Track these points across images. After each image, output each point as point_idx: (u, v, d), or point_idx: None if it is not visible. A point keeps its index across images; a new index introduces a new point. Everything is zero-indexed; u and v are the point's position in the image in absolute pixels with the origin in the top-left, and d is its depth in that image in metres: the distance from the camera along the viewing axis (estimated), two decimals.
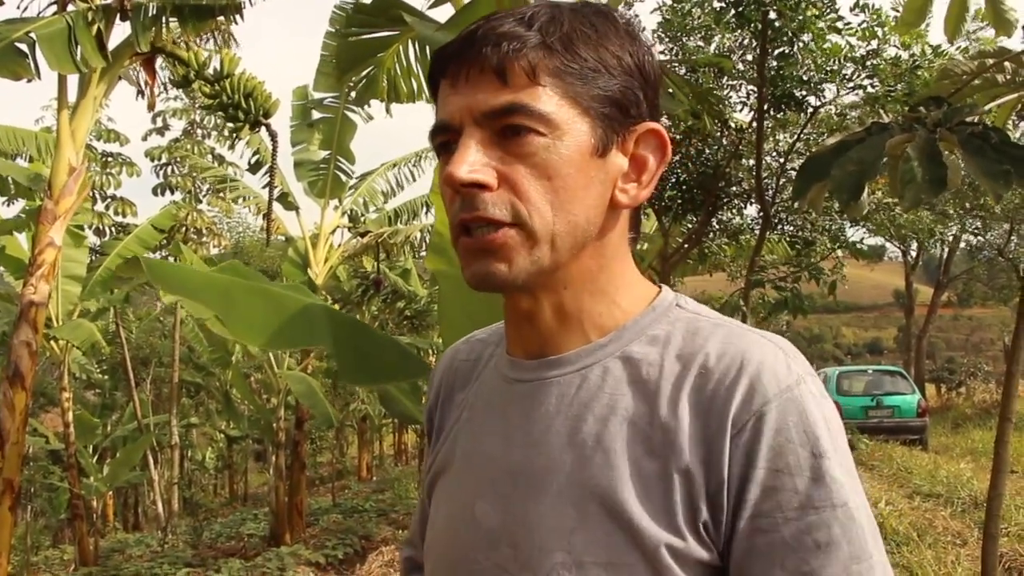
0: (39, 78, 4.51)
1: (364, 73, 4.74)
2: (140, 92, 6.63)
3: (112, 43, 5.05)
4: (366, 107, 9.33)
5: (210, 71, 6.18)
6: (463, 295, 2.62)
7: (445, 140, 0.89)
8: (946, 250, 21.20)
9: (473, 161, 0.84)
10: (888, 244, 20.06)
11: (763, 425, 0.81)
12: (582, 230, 0.87)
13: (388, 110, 5.70)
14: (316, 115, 9.58)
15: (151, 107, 6.36)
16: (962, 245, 19.35)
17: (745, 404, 0.82)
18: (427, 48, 4.42)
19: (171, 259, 15.71)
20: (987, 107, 3.45)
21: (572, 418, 0.89)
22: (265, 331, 2.48)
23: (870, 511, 0.84)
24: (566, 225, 0.86)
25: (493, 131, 0.85)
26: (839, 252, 9.30)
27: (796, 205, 7.67)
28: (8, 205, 11.47)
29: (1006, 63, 3.67)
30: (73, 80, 5.17)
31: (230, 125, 6.73)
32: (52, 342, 9.57)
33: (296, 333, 2.50)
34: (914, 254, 23.02)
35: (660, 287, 0.98)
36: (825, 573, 0.78)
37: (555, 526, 0.85)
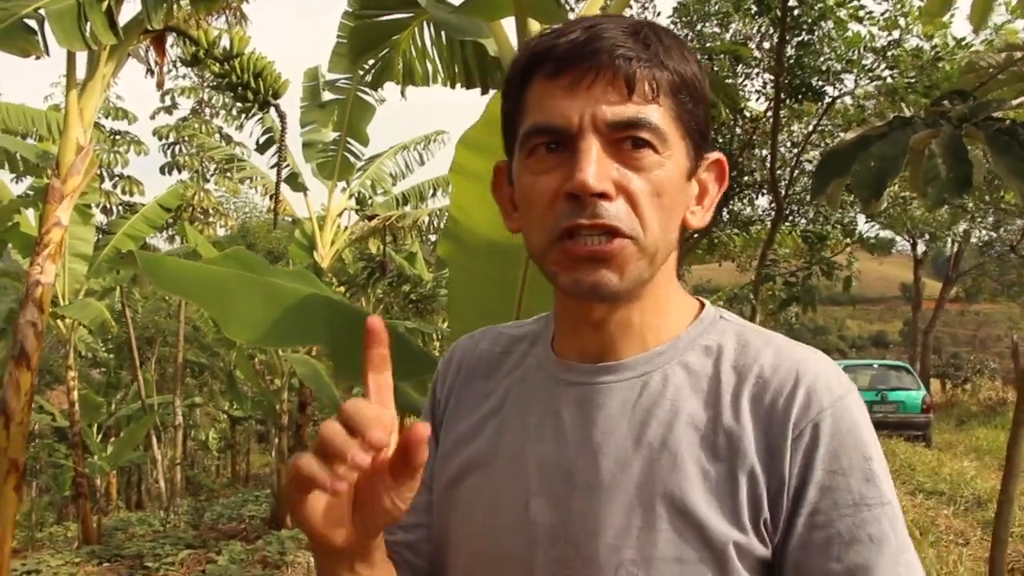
0: (48, 55, 4.44)
1: (379, 55, 4.68)
2: (149, 70, 6.58)
3: (122, 20, 4.96)
4: (379, 89, 9.26)
5: (220, 50, 6.13)
6: (473, 284, 2.58)
7: (549, 141, 0.89)
8: (956, 245, 21.06)
9: (600, 170, 0.85)
10: (897, 237, 19.97)
11: (820, 431, 0.87)
12: (671, 248, 0.93)
13: (403, 93, 5.63)
14: (328, 96, 9.51)
15: (160, 85, 6.30)
16: (973, 240, 19.22)
17: (803, 412, 0.88)
18: (442, 32, 4.36)
19: (178, 239, 15.71)
20: (1015, 102, 3.38)
21: (637, 422, 0.92)
22: (260, 328, 2.41)
23: None
24: (665, 243, 0.90)
25: (610, 141, 0.87)
26: (850, 246, 9.22)
27: (811, 199, 7.61)
28: (17, 182, 11.45)
29: None
30: (82, 58, 5.10)
31: (239, 105, 6.68)
32: (59, 321, 9.56)
33: (292, 330, 2.43)
34: (923, 248, 22.89)
35: (701, 302, 1.03)
36: (879, 564, 0.85)
37: (623, 525, 0.88)
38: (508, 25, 3.22)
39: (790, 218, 8.18)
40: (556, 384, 0.98)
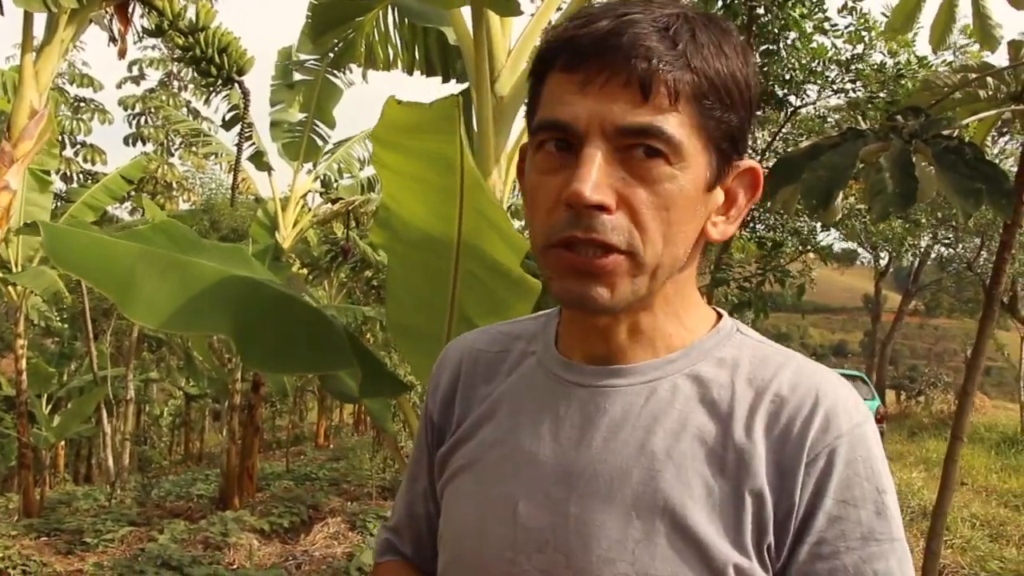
0: (2, 14, 4.34)
1: (343, 36, 4.63)
2: (112, 39, 6.45)
3: None
4: (347, 72, 9.18)
5: (185, 23, 6.03)
6: (407, 272, 2.56)
7: (558, 138, 0.84)
8: (916, 259, 21.34)
9: (598, 180, 0.80)
10: (860, 249, 20.19)
11: (835, 458, 0.84)
12: (679, 262, 0.88)
13: (365, 76, 5.58)
14: (297, 76, 9.41)
15: (122, 54, 6.17)
16: (932, 256, 19.49)
17: (821, 435, 0.84)
18: (405, 17, 4.33)
19: (139, 211, 15.50)
20: (966, 121, 3.41)
21: (641, 429, 0.88)
22: (166, 312, 2.35)
23: None
24: (670, 258, 0.85)
25: (618, 147, 0.81)
26: (808, 255, 9.30)
27: (769, 204, 7.66)
28: None
29: (988, 79, 3.64)
30: (41, 20, 5.00)
31: (203, 79, 6.59)
32: (10, 288, 9.39)
33: (201, 315, 2.37)
34: (885, 261, 23.16)
35: (719, 312, 0.99)
36: None
37: (619, 537, 0.85)
38: (467, 14, 3.20)
39: (750, 224, 8.23)
40: (557, 383, 0.95)
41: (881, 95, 6.61)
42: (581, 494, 0.87)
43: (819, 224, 8.97)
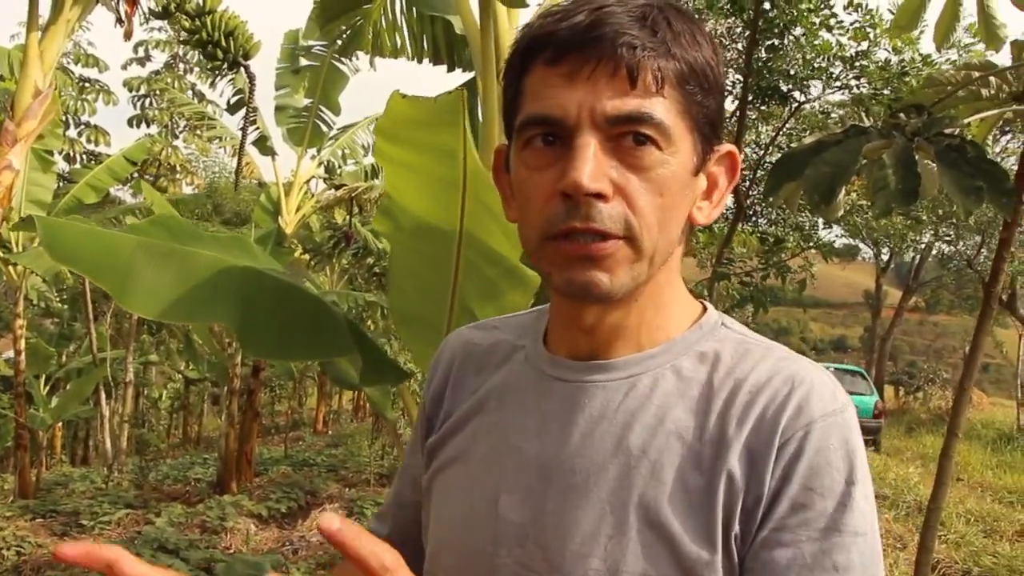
0: None
1: (350, 23, 4.64)
2: (119, 20, 6.44)
3: None
4: (353, 59, 9.16)
5: (192, 5, 6.04)
6: (410, 260, 2.57)
7: (546, 133, 0.84)
8: (917, 256, 21.34)
9: (595, 169, 0.80)
10: (861, 244, 20.19)
11: (806, 443, 0.82)
12: (672, 247, 0.88)
13: (372, 63, 5.59)
14: (303, 62, 9.39)
15: (127, 36, 6.17)
16: (933, 252, 19.49)
17: (793, 421, 0.83)
18: (413, 6, 4.33)
19: (138, 195, 15.48)
20: (968, 120, 3.43)
21: (619, 425, 0.88)
22: (165, 303, 2.38)
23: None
24: (665, 243, 0.86)
25: (608, 136, 0.82)
26: (809, 251, 9.31)
27: (763, 198, 7.65)
28: None
29: (991, 78, 3.65)
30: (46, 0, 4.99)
31: (209, 63, 6.59)
32: (10, 267, 9.39)
33: (201, 305, 2.40)
34: (886, 256, 23.18)
35: (704, 305, 0.98)
36: None
37: (592, 532, 0.85)
38: (474, 3, 3.20)
39: (752, 219, 8.23)
40: (542, 379, 0.95)
41: (885, 92, 6.59)
42: (559, 489, 0.88)
43: (820, 220, 8.97)
